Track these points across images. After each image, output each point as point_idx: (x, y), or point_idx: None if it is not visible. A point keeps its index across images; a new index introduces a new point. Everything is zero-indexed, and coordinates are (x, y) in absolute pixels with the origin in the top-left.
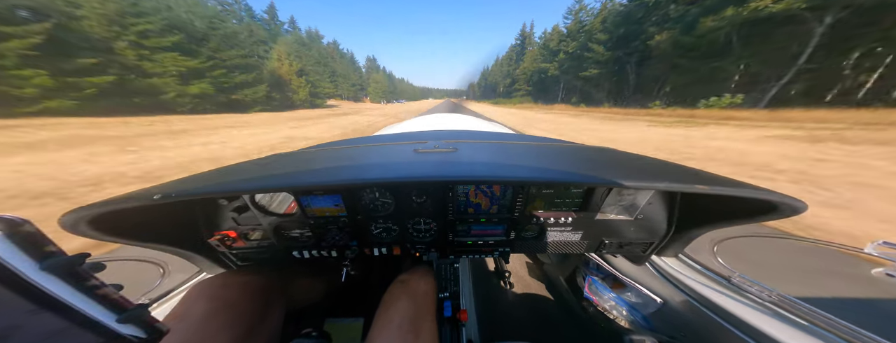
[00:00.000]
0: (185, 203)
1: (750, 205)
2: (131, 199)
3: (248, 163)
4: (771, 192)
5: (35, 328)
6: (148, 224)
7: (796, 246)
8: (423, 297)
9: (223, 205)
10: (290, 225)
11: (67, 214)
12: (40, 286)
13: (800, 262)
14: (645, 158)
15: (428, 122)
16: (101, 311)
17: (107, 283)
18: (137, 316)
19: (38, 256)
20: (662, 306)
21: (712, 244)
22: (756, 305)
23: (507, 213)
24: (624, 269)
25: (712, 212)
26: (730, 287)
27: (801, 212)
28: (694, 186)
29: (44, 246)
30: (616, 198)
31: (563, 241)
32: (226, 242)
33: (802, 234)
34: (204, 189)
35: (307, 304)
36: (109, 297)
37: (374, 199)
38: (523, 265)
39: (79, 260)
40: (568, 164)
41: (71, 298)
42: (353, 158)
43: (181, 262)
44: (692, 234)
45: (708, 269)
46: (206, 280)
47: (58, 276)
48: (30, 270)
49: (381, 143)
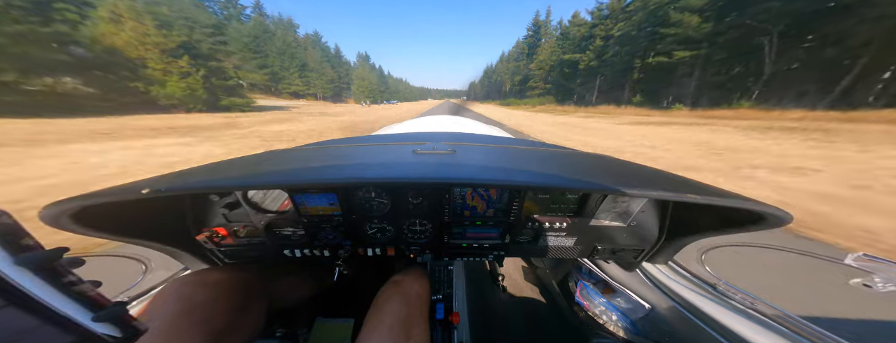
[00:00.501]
0: (173, 198)
1: (738, 215)
2: (117, 193)
3: (241, 159)
4: (758, 203)
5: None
6: (132, 219)
7: (781, 256)
8: (415, 300)
9: (214, 201)
10: (282, 223)
11: (49, 207)
12: (12, 281)
13: (783, 271)
14: (640, 167)
15: (427, 123)
16: (76, 309)
17: (85, 279)
18: (114, 314)
19: (14, 250)
20: (650, 312)
21: (701, 252)
22: (740, 313)
23: (502, 217)
24: (615, 274)
25: (702, 221)
26: (715, 294)
27: (786, 223)
28: (685, 195)
29: (20, 239)
30: (610, 205)
31: (558, 246)
32: (214, 239)
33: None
34: (197, 184)
35: (296, 302)
36: (86, 295)
37: (370, 198)
38: (517, 269)
39: (56, 255)
40: (564, 169)
41: (44, 295)
42: (350, 157)
43: (165, 258)
44: (682, 242)
45: (696, 277)
46: (179, 278)
47: (32, 271)
48: (2, 264)
49: (380, 143)
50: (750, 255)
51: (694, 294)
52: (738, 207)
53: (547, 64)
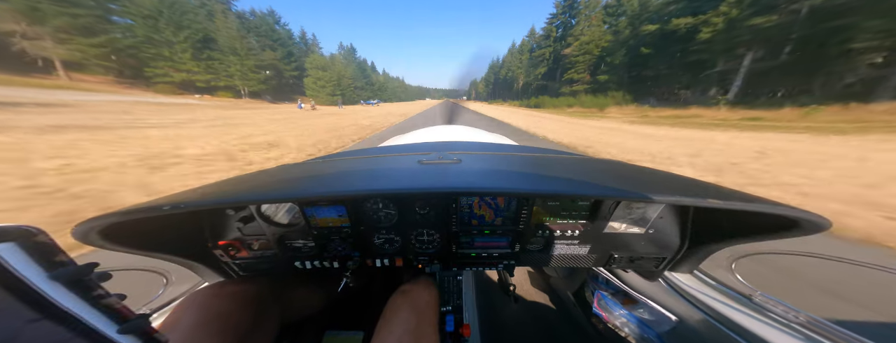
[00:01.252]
0: (192, 213)
1: (767, 220)
2: (143, 211)
3: (256, 173)
4: (790, 208)
5: (34, 337)
6: (154, 233)
7: (822, 264)
8: (425, 309)
9: (230, 215)
10: (293, 235)
11: (80, 225)
12: (46, 295)
13: (826, 281)
14: (654, 171)
15: (432, 133)
16: (104, 321)
17: (112, 292)
18: (138, 326)
19: (49, 266)
20: (678, 325)
21: (730, 260)
22: (782, 327)
23: (511, 226)
24: (635, 284)
25: (728, 227)
26: (752, 306)
27: (824, 229)
28: (706, 201)
29: (55, 256)
30: (625, 211)
31: (570, 255)
32: (229, 252)
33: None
34: (214, 200)
35: (306, 315)
36: (112, 307)
37: (378, 209)
38: (528, 278)
39: (87, 270)
40: (573, 176)
41: (75, 308)
42: (358, 169)
43: (184, 271)
44: (708, 250)
45: (727, 287)
46: (198, 290)
47: (65, 285)
48: (37, 279)
49: (386, 155)
50: (786, 263)
51: (726, 306)
52: (766, 213)
53: (597, 46)
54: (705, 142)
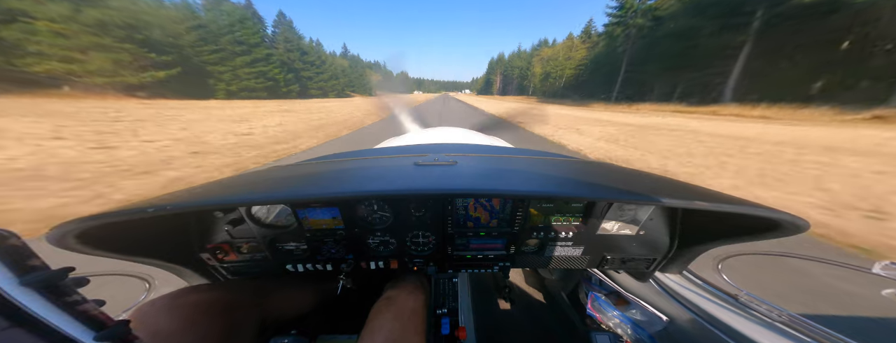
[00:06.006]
0: (177, 215)
1: (752, 222)
2: (124, 214)
3: (245, 175)
4: (770, 210)
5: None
6: (136, 237)
7: (803, 264)
8: (410, 316)
9: (218, 217)
10: (285, 237)
11: (55, 228)
12: (16, 302)
13: (807, 280)
14: (644, 174)
15: (430, 135)
16: (79, 329)
17: (89, 298)
18: (117, 333)
19: (20, 270)
20: (668, 324)
21: (717, 261)
22: (766, 325)
23: (506, 227)
24: (628, 285)
25: (714, 229)
26: (737, 305)
27: (803, 230)
28: (693, 202)
29: (27, 260)
30: (617, 213)
31: (565, 256)
32: (217, 255)
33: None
34: (201, 201)
35: (297, 317)
36: (89, 314)
37: (373, 211)
38: (524, 280)
39: (62, 275)
40: (567, 178)
41: (48, 315)
42: (352, 171)
43: (168, 276)
44: (696, 251)
45: (714, 287)
46: (169, 294)
47: (38, 291)
48: (8, 285)
49: (382, 156)
50: (770, 263)
51: (714, 305)
52: (748, 214)
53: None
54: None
